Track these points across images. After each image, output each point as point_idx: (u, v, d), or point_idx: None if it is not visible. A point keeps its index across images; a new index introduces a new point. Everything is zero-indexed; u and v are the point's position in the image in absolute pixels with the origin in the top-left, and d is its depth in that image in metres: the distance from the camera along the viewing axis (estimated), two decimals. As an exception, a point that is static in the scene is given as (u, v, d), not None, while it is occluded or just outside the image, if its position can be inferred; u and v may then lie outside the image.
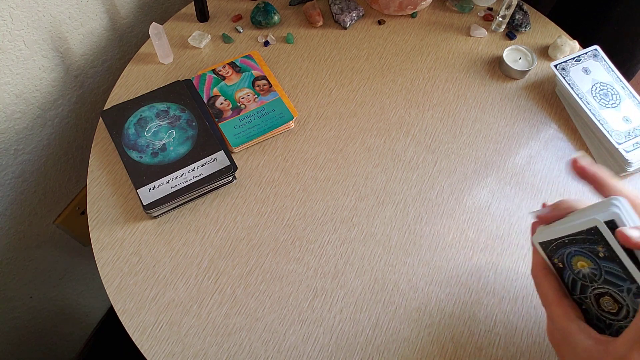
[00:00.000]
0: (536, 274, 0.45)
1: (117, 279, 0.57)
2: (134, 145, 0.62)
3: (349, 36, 0.79)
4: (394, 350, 0.55)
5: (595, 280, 0.42)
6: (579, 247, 0.42)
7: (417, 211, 0.64)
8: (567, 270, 0.44)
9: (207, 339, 0.54)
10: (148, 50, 0.74)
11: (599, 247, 0.41)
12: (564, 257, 0.44)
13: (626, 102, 0.70)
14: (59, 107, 0.73)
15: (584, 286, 0.43)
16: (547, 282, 0.44)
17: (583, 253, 0.42)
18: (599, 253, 0.41)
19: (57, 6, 0.65)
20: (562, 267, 0.44)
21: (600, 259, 0.41)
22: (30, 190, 0.75)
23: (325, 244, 0.61)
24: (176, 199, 0.59)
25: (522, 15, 0.81)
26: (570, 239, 0.42)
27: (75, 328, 1.05)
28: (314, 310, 0.56)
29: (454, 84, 0.75)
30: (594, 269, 0.42)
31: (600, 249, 0.41)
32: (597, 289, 0.42)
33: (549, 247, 0.45)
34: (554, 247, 0.44)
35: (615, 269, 0.40)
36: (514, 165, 0.68)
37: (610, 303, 0.41)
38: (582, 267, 0.42)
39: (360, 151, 0.68)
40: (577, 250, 0.42)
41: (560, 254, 0.44)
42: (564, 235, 0.43)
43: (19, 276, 0.81)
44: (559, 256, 0.44)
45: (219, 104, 0.68)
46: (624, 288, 0.40)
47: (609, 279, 0.41)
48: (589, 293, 0.43)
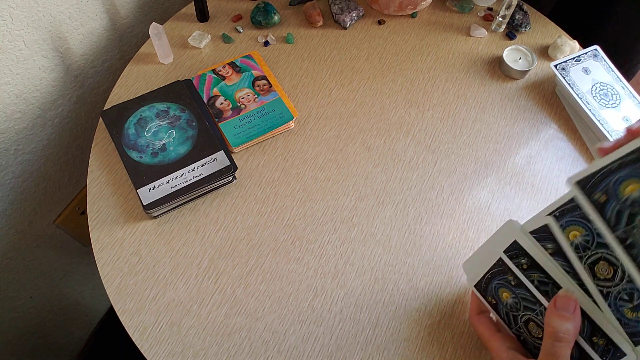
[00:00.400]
0: (472, 320, 0.50)
1: (117, 279, 0.57)
2: (134, 145, 0.62)
3: (349, 36, 0.79)
4: (394, 350, 0.55)
5: (519, 308, 0.45)
6: (498, 280, 0.46)
7: (417, 211, 0.64)
8: (499, 305, 0.48)
9: (207, 339, 0.54)
10: (148, 50, 0.74)
11: (509, 276, 0.45)
12: (493, 291, 0.48)
13: (626, 102, 0.70)
14: (59, 107, 0.73)
15: (515, 316, 0.46)
16: (480, 323, 0.49)
17: (502, 284, 0.46)
18: (510, 281, 0.45)
19: (57, 6, 0.65)
20: (495, 303, 0.48)
21: (513, 286, 0.45)
22: (30, 190, 0.75)
23: (325, 244, 0.61)
24: (176, 199, 0.59)
25: (522, 15, 0.81)
26: (491, 273, 0.47)
27: (75, 328, 1.05)
28: (314, 310, 0.56)
29: (454, 84, 0.75)
30: (513, 297, 0.45)
31: (510, 277, 0.45)
32: (523, 317, 0.45)
33: (481, 286, 0.49)
34: (484, 285, 0.48)
35: (525, 294, 0.44)
36: (514, 165, 0.68)
37: (535, 328, 0.44)
38: (506, 298, 0.46)
39: (360, 151, 0.68)
40: (498, 283, 0.46)
41: (490, 290, 0.48)
42: (485, 273, 0.47)
43: (19, 276, 0.81)
44: (490, 293, 0.48)
45: (219, 104, 0.68)
46: (538, 311, 0.43)
47: (526, 305, 0.44)
48: (520, 322, 0.46)
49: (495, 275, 0.46)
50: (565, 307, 0.39)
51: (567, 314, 0.39)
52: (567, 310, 0.39)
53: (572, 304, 0.39)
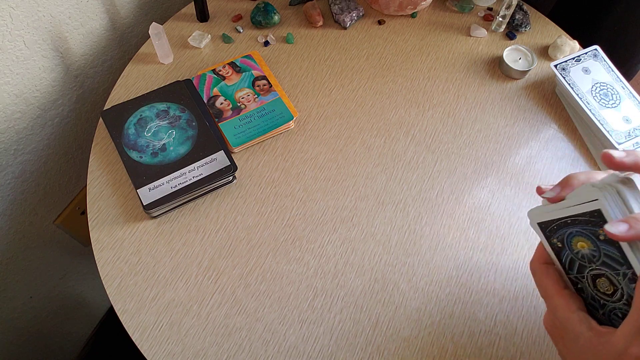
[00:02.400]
0: (536, 267, 0.45)
1: (117, 279, 0.57)
2: (134, 145, 0.62)
3: (349, 36, 0.79)
4: (394, 350, 0.55)
5: (594, 261, 0.42)
6: (580, 228, 0.42)
7: (417, 211, 0.64)
8: (566, 250, 0.44)
9: (207, 339, 0.54)
10: (148, 50, 0.74)
11: (601, 230, 0.41)
12: (564, 237, 0.44)
13: (626, 102, 0.70)
14: (59, 107, 0.73)
15: (582, 266, 0.43)
16: (547, 275, 0.44)
17: (584, 234, 0.42)
18: (599, 236, 0.41)
19: (57, 6, 0.65)
20: (560, 247, 0.44)
21: (601, 241, 0.41)
22: (30, 190, 0.75)
23: (325, 244, 0.61)
24: (176, 199, 0.59)
25: (522, 15, 0.81)
26: (573, 219, 0.42)
27: (75, 328, 1.05)
28: (314, 310, 0.56)
29: (454, 84, 0.75)
30: (593, 250, 0.42)
31: (602, 231, 0.40)
32: (594, 270, 0.42)
33: (549, 227, 0.45)
34: (554, 227, 0.44)
35: (614, 252, 0.40)
36: (514, 165, 0.68)
37: (606, 285, 0.42)
38: (581, 247, 0.42)
39: (360, 151, 0.68)
40: (578, 231, 0.42)
41: (560, 234, 0.44)
42: (567, 216, 0.43)
43: (19, 276, 0.81)
44: (559, 236, 0.44)
45: (219, 104, 0.68)
46: (620, 272, 0.40)
47: (607, 262, 0.41)
48: (586, 273, 0.43)
49: (578, 223, 0.42)
50: None
51: None
52: None
53: None
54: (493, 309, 0.58)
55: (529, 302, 0.58)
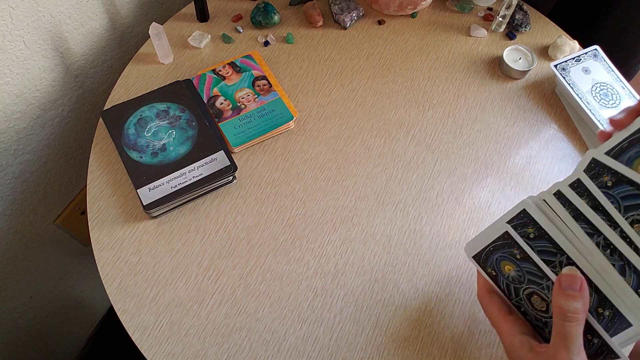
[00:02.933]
0: (481, 297, 0.48)
1: (117, 279, 0.57)
2: (134, 145, 0.62)
3: (349, 36, 0.79)
4: (394, 350, 0.55)
5: (522, 281, 0.44)
6: (501, 252, 0.45)
7: (417, 211, 0.64)
8: (500, 277, 0.47)
9: (207, 339, 0.54)
10: (148, 50, 0.74)
11: (514, 250, 0.44)
12: (494, 263, 0.46)
13: (626, 102, 0.70)
14: (59, 107, 0.73)
15: (516, 288, 0.45)
16: (491, 303, 0.46)
17: (506, 257, 0.45)
18: (516, 255, 0.44)
19: (57, 6, 0.65)
20: (495, 274, 0.47)
21: (518, 260, 0.44)
22: (30, 190, 0.75)
23: (325, 244, 0.61)
24: (176, 199, 0.59)
25: (522, 15, 0.81)
26: (493, 245, 0.46)
27: (75, 328, 1.05)
28: (314, 310, 0.56)
29: (454, 84, 0.75)
30: (517, 270, 0.44)
31: (515, 251, 0.44)
32: (526, 290, 0.44)
33: (481, 258, 0.48)
34: (484, 257, 0.47)
35: (532, 268, 0.43)
36: (514, 166, 0.68)
37: (539, 301, 0.44)
38: (508, 270, 0.45)
39: (360, 151, 0.68)
40: (501, 256, 0.45)
41: (490, 262, 0.47)
42: (488, 244, 0.46)
43: (19, 276, 0.81)
44: (490, 264, 0.47)
45: (219, 104, 0.68)
46: (544, 285, 0.43)
47: (531, 279, 0.43)
48: (521, 294, 0.45)
49: (498, 248, 0.46)
50: (571, 286, 0.38)
51: (573, 293, 0.38)
52: (573, 289, 0.38)
53: (577, 281, 0.38)
54: (493, 309, 0.58)
55: (529, 302, 0.58)
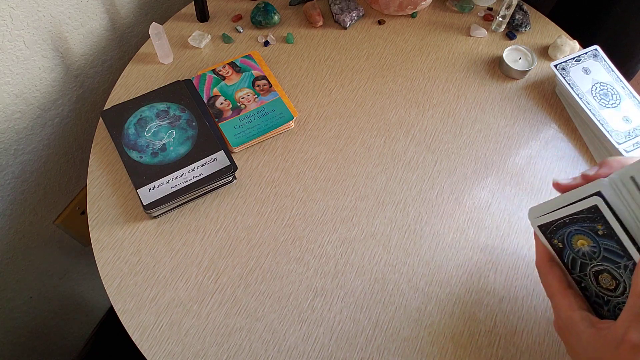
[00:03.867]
0: (540, 266, 0.46)
1: (117, 279, 0.57)
2: (134, 145, 0.62)
3: (349, 36, 0.79)
4: (394, 350, 0.55)
5: (595, 257, 0.43)
6: (579, 226, 0.43)
7: (417, 211, 0.64)
8: (567, 250, 0.45)
9: (207, 339, 0.54)
10: (148, 50, 0.74)
11: (598, 225, 0.42)
12: (564, 237, 0.44)
13: (626, 102, 0.70)
14: (59, 107, 0.73)
15: (584, 264, 0.44)
16: (551, 273, 0.45)
17: (583, 232, 0.43)
18: (598, 231, 0.42)
19: (57, 6, 0.65)
20: (561, 247, 0.45)
21: (599, 236, 0.42)
22: (30, 190, 0.75)
23: (325, 244, 0.61)
24: (176, 199, 0.59)
25: (522, 15, 0.81)
26: (571, 218, 0.43)
27: (75, 328, 1.05)
28: (314, 310, 0.56)
29: (454, 84, 0.75)
30: (593, 246, 0.43)
31: (600, 227, 0.42)
32: (595, 267, 0.43)
33: (549, 229, 0.45)
34: (554, 228, 0.45)
35: (613, 246, 0.41)
36: (514, 165, 0.68)
37: (608, 280, 0.42)
38: (581, 245, 0.43)
39: (360, 151, 0.68)
40: (577, 229, 0.43)
41: (560, 234, 0.45)
42: (565, 216, 0.44)
43: (19, 276, 0.81)
44: (559, 236, 0.45)
45: (219, 104, 0.68)
46: (621, 265, 0.41)
47: (607, 256, 0.42)
48: (588, 271, 0.44)
49: (577, 222, 0.43)
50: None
51: None
52: None
53: None
54: (493, 309, 0.58)
55: (529, 302, 0.58)
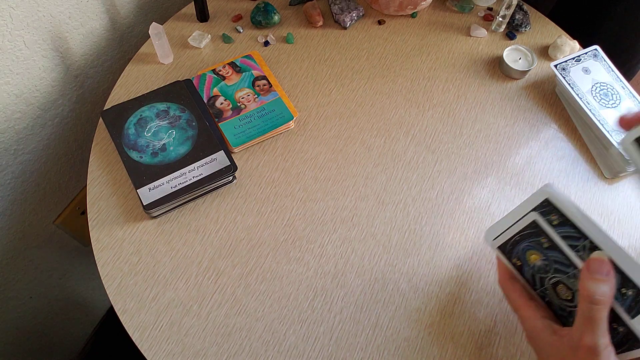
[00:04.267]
0: (503, 284, 0.48)
1: (117, 279, 0.57)
2: (134, 145, 0.62)
3: (349, 36, 0.79)
4: (394, 350, 0.55)
5: (548, 270, 0.45)
6: (528, 242, 0.46)
7: (418, 211, 0.64)
8: (525, 266, 0.47)
9: (207, 339, 0.54)
10: (148, 50, 0.74)
11: (542, 239, 0.45)
12: (519, 253, 0.47)
13: (626, 102, 0.70)
14: (59, 107, 0.73)
15: (542, 278, 0.46)
16: (512, 289, 0.47)
17: (532, 247, 0.46)
18: (543, 244, 0.45)
19: (57, 6, 0.65)
20: (520, 264, 0.47)
21: (546, 249, 0.45)
22: (30, 190, 0.75)
23: (325, 244, 0.61)
24: (176, 199, 0.59)
25: (522, 15, 0.81)
26: (520, 235, 0.47)
27: (75, 328, 1.05)
28: (314, 310, 0.56)
29: (454, 84, 0.75)
30: (544, 259, 0.45)
31: (543, 240, 0.45)
32: (552, 279, 0.45)
33: (506, 248, 0.48)
34: (510, 247, 0.48)
35: (559, 256, 0.44)
36: (514, 165, 0.68)
37: (564, 290, 0.44)
38: (535, 260, 0.46)
39: (360, 151, 0.68)
40: (527, 245, 0.46)
41: (516, 252, 0.47)
42: (515, 234, 0.47)
43: (18, 276, 0.81)
44: (516, 254, 0.47)
45: (219, 104, 0.68)
46: (570, 274, 0.43)
47: (558, 267, 0.44)
48: (547, 284, 0.45)
49: (525, 238, 0.46)
50: (599, 270, 0.39)
51: (601, 276, 0.39)
52: (601, 273, 0.39)
53: (605, 266, 0.39)
54: (493, 309, 0.58)
55: (529, 302, 0.58)
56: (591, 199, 0.66)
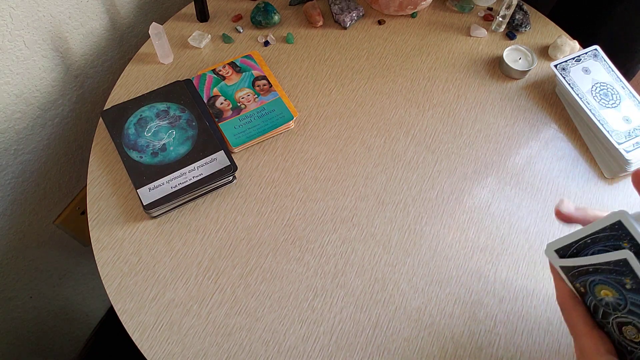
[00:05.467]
0: (564, 302, 0.43)
1: (117, 279, 0.57)
2: (134, 145, 0.62)
3: (349, 36, 0.79)
4: (394, 350, 0.55)
5: (619, 309, 0.40)
6: (604, 277, 0.40)
7: (417, 211, 0.64)
8: (589, 296, 0.42)
9: (207, 339, 0.54)
10: (148, 50, 0.74)
11: (626, 279, 0.39)
12: (587, 284, 0.42)
13: (626, 102, 0.70)
14: (59, 107, 0.73)
15: (606, 313, 0.41)
16: (576, 311, 0.42)
17: (608, 283, 0.40)
18: (625, 285, 0.39)
19: (57, 6, 0.65)
20: (583, 292, 0.42)
21: (627, 290, 0.39)
22: (30, 190, 0.75)
23: (325, 244, 0.61)
24: (176, 199, 0.59)
25: (522, 15, 0.81)
26: (595, 267, 0.40)
27: (75, 328, 1.05)
28: (314, 310, 0.56)
29: (454, 84, 0.75)
30: (619, 299, 0.40)
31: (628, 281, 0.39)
32: (620, 318, 0.40)
33: (571, 271, 0.43)
34: (576, 273, 0.42)
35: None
36: (514, 165, 0.68)
37: (633, 332, 0.40)
38: (605, 295, 0.40)
39: (360, 151, 0.68)
40: (601, 279, 0.40)
41: (582, 280, 0.42)
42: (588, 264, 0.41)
43: (19, 276, 0.81)
44: (581, 282, 0.42)
45: (219, 104, 0.68)
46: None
47: (635, 310, 0.39)
48: (611, 320, 0.41)
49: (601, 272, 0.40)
50: None
51: None
52: None
53: None
54: (493, 309, 0.58)
55: (529, 302, 0.58)
56: (591, 199, 0.66)
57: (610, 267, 0.39)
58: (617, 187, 0.68)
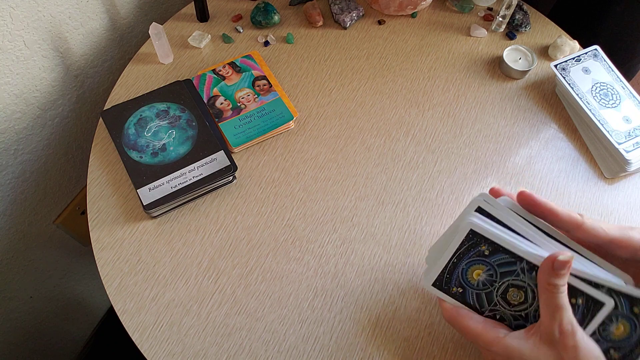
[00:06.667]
0: (449, 316, 0.45)
1: (117, 279, 0.57)
2: (134, 145, 0.62)
3: (349, 36, 0.79)
4: (394, 350, 0.55)
5: (495, 279, 0.43)
6: (467, 259, 0.44)
7: (418, 211, 0.64)
8: (468, 290, 0.45)
9: (207, 339, 0.54)
10: (148, 50, 0.74)
11: (482, 247, 0.42)
12: (460, 278, 0.45)
13: (626, 102, 0.70)
14: (59, 107, 0.73)
15: (489, 293, 0.44)
16: (461, 317, 0.44)
17: (473, 261, 0.43)
18: (484, 252, 0.43)
19: (57, 6, 0.65)
20: (462, 290, 0.45)
21: (488, 256, 0.43)
22: (30, 190, 0.75)
23: (325, 244, 0.61)
24: (176, 199, 0.59)
25: (522, 15, 0.81)
26: (457, 256, 0.44)
27: (75, 328, 1.05)
28: (314, 310, 0.56)
29: (454, 84, 0.75)
30: (488, 269, 0.43)
31: (483, 247, 0.42)
32: (499, 288, 0.43)
33: (443, 279, 0.45)
34: (447, 275, 0.45)
35: (503, 257, 0.42)
36: (514, 165, 0.68)
37: (516, 293, 0.43)
38: (477, 276, 0.44)
39: (360, 151, 0.68)
40: (467, 263, 0.44)
41: (455, 278, 0.45)
42: (451, 257, 0.44)
43: (19, 276, 0.81)
44: (455, 281, 0.45)
45: (219, 104, 0.68)
46: (518, 270, 0.42)
47: (504, 271, 0.43)
48: (495, 298, 0.44)
49: (463, 256, 0.44)
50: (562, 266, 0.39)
51: (563, 272, 0.39)
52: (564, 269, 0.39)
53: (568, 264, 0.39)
54: (493, 309, 0.58)
55: (529, 302, 0.58)
56: (591, 199, 0.66)
57: (465, 245, 0.43)
58: (617, 187, 0.68)
